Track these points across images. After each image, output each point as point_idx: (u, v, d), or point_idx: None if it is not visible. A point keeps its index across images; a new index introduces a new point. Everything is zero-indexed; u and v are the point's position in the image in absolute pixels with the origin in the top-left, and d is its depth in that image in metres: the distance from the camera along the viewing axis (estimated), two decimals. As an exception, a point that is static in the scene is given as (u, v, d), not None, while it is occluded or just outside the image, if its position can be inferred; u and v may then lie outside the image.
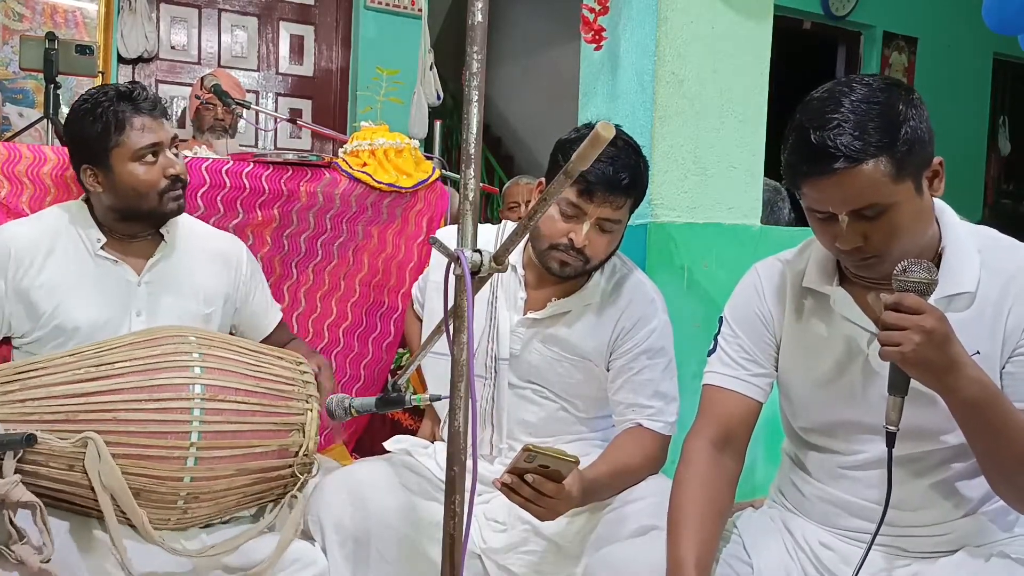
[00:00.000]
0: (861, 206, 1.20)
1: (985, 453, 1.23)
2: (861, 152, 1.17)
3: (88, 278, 1.71)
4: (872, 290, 1.32)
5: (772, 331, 1.46)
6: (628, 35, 2.27)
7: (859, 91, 1.20)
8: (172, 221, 1.83)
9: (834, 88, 1.23)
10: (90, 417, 1.42)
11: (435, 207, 2.34)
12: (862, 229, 1.22)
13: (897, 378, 1.20)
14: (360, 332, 2.30)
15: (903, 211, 1.21)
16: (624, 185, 1.66)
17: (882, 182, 1.18)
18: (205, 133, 3.35)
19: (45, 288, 1.68)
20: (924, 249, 1.28)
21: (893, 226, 1.21)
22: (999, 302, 1.27)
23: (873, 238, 1.22)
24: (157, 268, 1.77)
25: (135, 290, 1.74)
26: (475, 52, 1.11)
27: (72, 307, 1.69)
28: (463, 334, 1.13)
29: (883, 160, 1.17)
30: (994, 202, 6.65)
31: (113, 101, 1.67)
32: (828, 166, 1.18)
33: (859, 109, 1.19)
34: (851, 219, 1.22)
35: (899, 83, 1.24)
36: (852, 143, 1.17)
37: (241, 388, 1.53)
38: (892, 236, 1.22)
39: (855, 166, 1.17)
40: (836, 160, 1.17)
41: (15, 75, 3.77)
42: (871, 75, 1.25)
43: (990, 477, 1.25)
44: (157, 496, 1.45)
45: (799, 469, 1.47)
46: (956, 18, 5.72)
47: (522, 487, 1.45)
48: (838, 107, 1.19)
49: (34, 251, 1.69)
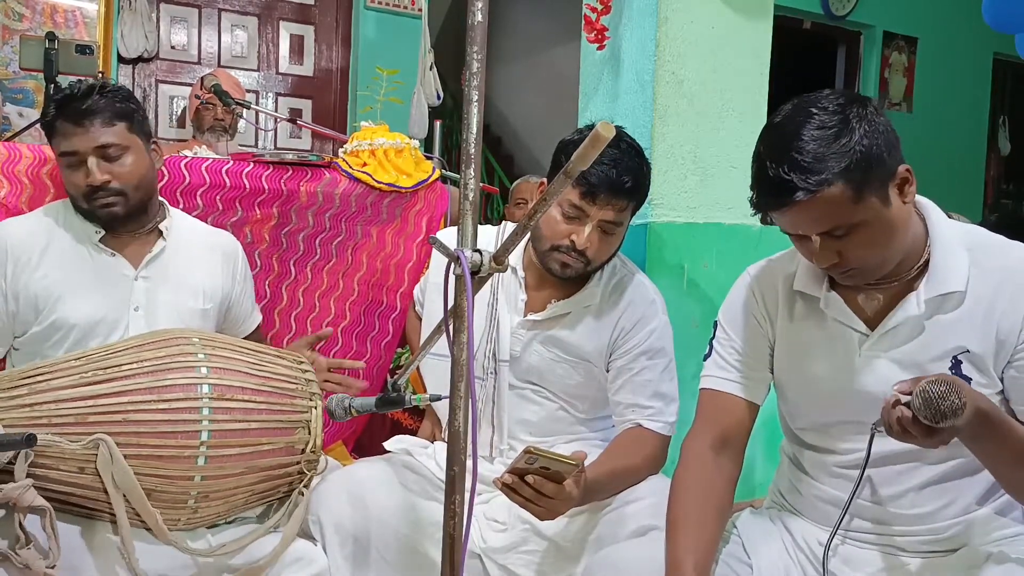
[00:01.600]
0: (827, 229, 1.23)
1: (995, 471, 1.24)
2: (817, 183, 1.18)
3: (86, 272, 1.72)
4: (862, 291, 1.34)
5: (766, 333, 1.46)
6: (628, 35, 2.27)
7: (816, 118, 1.21)
8: (171, 217, 1.83)
9: (793, 116, 1.24)
10: (100, 419, 1.43)
11: (435, 207, 2.34)
12: (835, 247, 1.24)
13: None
14: (358, 331, 2.30)
15: (872, 226, 1.22)
16: (627, 188, 1.66)
17: (844, 205, 1.20)
18: (205, 133, 3.34)
19: (43, 283, 1.69)
20: (909, 251, 1.29)
21: (864, 241, 1.23)
22: (991, 301, 1.27)
23: (847, 254, 1.25)
24: (155, 263, 1.77)
25: (132, 284, 1.74)
26: (475, 52, 1.11)
27: (70, 302, 1.69)
28: (463, 334, 1.13)
29: (839, 185, 1.18)
30: (994, 202, 6.65)
31: (54, 102, 1.68)
32: (787, 199, 1.20)
33: (815, 136, 1.20)
34: (822, 239, 1.24)
35: (855, 98, 1.24)
36: (807, 176, 1.18)
37: (247, 387, 1.54)
38: (867, 250, 1.24)
39: (813, 196, 1.19)
40: (794, 193, 1.19)
41: (15, 75, 3.76)
42: (829, 94, 1.25)
43: (1003, 485, 1.26)
44: (168, 496, 1.46)
45: (797, 469, 1.48)
46: (956, 18, 5.72)
47: (522, 487, 1.45)
48: (794, 138, 1.21)
49: (31, 247, 1.70)
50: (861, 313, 1.34)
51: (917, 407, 1.09)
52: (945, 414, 1.07)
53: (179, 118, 4.64)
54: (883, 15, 5.71)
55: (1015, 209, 6.77)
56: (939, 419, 1.08)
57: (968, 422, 1.11)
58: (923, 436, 1.11)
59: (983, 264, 1.29)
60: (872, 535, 1.36)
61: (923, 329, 1.30)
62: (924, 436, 1.11)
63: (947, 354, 1.27)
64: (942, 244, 1.30)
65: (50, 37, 2.61)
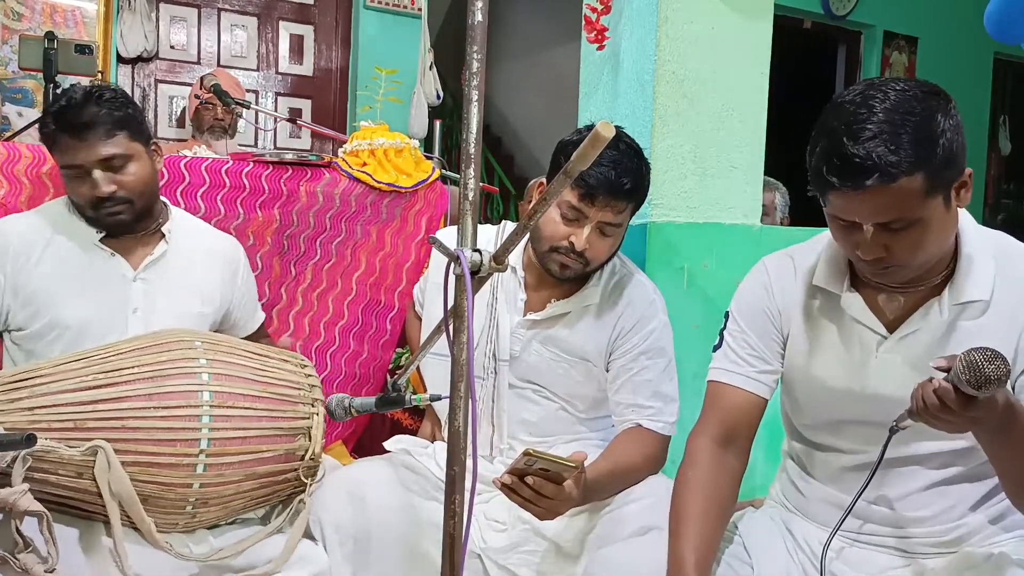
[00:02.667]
0: (888, 219, 1.16)
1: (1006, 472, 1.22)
2: (896, 168, 1.11)
3: (84, 272, 1.71)
4: (883, 291, 1.31)
5: (779, 327, 1.44)
6: (628, 35, 2.27)
7: (894, 97, 1.14)
8: (173, 219, 1.82)
9: (867, 92, 1.16)
10: (98, 425, 1.41)
11: (435, 207, 2.34)
12: (886, 240, 1.19)
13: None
14: (357, 331, 2.30)
15: (929, 225, 1.17)
16: (626, 190, 1.65)
17: (914, 198, 1.13)
18: (204, 133, 3.34)
19: (42, 281, 1.68)
20: (943, 257, 1.27)
21: (918, 239, 1.18)
22: (1014, 312, 1.25)
23: (895, 249, 1.19)
24: (155, 265, 1.77)
25: (131, 286, 1.73)
26: (475, 52, 1.11)
27: (67, 301, 1.68)
28: (463, 334, 1.13)
29: (918, 177, 1.12)
30: (994, 202, 6.65)
31: (51, 114, 1.66)
32: (860, 181, 1.12)
33: (894, 119, 1.12)
34: (876, 230, 1.17)
35: (937, 91, 1.18)
36: (887, 157, 1.11)
37: (248, 394, 1.52)
38: (915, 248, 1.19)
39: (889, 183, 1.11)
40: (869, 176, 1.11)
41: (14, 75, 3.76)
42: (907, 80, 1.20)
43: (1008, 490, 1.25)
44: (166, 502, 1.45)
45: (800, 469, 1.47)
46: (956, 18, 5.72)
47: (521, 488, 1.45)
48: (872, 114, 1.12)
49: (32, 244, 1.70)
50: (881, 315, 1.32)
51: (959, 372, 1.04)
52: (990, 378, 1.02)
53: (179, 118, 4.63)
54: (883, 15, 5.71)
55: (1016, 209, 6.77)
56: (984, 384, 1.02)
57: (1001, 409, 1.08)
58: (960, 409, 1.06)
59: (1008, 273, 1.27)
60: (873, 536, 1.36)
61: (943, 335, 1.27)
62: (961, 409, 1.06)
63: None
64: (973, 251, 1.27)
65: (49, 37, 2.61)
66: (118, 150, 1.66)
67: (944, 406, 1.07)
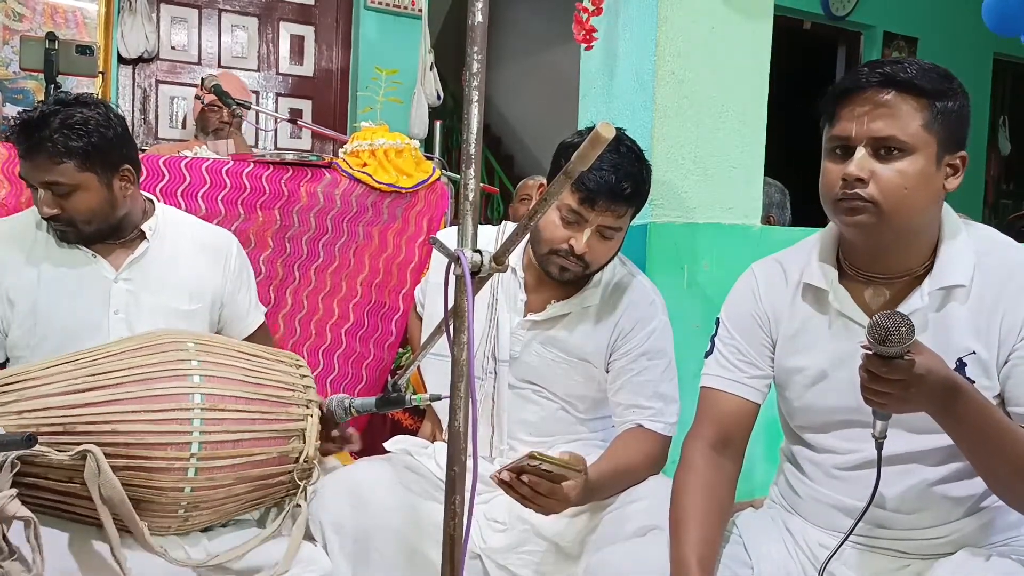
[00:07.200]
0: (885, 135, 1.23)
1: (982, 466, 1.23)
2: (910, 85, 1.23)
3: (65, 275, 1.70)
4: (870, 286, 1.34)
5: (768, 332, 1.46)
6: (628, 35, 2.27)
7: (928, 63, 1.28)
8: (155, 217, 1.79)
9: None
10: (88, 428, 1.39)
11: (435, 207, 2.34)
12: (872, 167, 1.24)
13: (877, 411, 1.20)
14: (361, 333, 2.30)
15: (917, 166, 1.24)
16: (627, 194, 1.65)
17: (913, 120, 1.23)
18: (209, 135, 3.34)
19: (22, 286, 1.67)
20: (920, 247, 1.30)
21: (902, 175, 1.24)
22: (994, 303, 1.27)
23: (879, 180, 1.24)
24: (137, 265, 1.74)
25: (112, 287, 1.71)
26: (475, 52, 1.11)
27: (48, 305, 1.67)
28: (463, 334, 1.13)
29: (924, 102, 1.23)
30: (994, 202, 6.65)
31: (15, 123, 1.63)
32: (875, 79, 1.24)
33: (923, 63, 1.27)
34: (867, 154, 1.24)
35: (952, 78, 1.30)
36: (908, 74, 1.24)
37: (241, 396, 1.50)
38: (898, 185, 1.24)
39: (898, 92, 1.23)
40: (891, 81, 1.23)
41: (15, 75, 3.76)
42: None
43: (990, 485, 1.26)
44: (157, 506, 1.43)
45: (795, 469, 1.47)
46: (956, 18, 5.72)
47: (519, 484, 1.45)
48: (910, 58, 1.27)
49: (13, 248, 1.69)
50: (867, 308, 1.34)
51: (867, 335, 1.11)
52: (888, 329, 1.08)
53: (182, 120, 4.64)
54: (883, 15, 5.71)
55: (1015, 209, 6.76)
56: (886, 337, 1.08)
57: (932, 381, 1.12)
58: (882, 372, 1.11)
59: (987, 264, 1.29)
60: (872, 538, 1.36)
61: (927, 326, 1.29)
62: (883, 372, 1.11)
63: (951, 354, 1.27)
64: (952, 238, 1.31)
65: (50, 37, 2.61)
66: (61, 179, 1.61)
67: (871, 375, 1.13)
